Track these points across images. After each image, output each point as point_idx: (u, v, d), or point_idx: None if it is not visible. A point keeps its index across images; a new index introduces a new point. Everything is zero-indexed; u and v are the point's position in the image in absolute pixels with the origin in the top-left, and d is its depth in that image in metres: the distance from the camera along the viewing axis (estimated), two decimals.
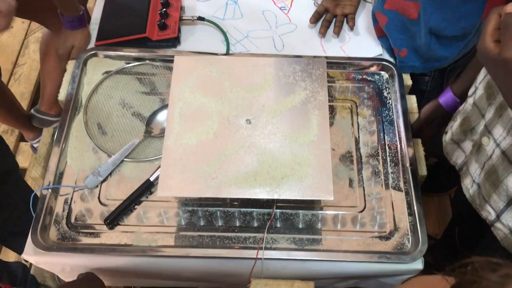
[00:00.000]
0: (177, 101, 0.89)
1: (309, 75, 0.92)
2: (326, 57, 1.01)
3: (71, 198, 0.90)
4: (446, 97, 0.98)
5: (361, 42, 1.12)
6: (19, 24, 2.19)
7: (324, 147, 0.84)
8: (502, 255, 0.45)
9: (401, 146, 0.95)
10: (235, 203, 0.89)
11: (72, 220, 0.88)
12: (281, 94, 0.90)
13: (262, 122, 0.87)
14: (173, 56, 1.03)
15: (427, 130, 1.04)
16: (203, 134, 0.86)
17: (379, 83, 1.04)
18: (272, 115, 0.87)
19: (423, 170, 0.94)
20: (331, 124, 0.97)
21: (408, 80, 1.05)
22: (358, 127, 0.98)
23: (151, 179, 0.90)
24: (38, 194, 0.89)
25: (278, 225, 0.87)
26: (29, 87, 2.03)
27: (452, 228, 1.29)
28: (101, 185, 0.92)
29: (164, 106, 0.98)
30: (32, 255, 0.85)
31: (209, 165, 0.82)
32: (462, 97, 0.97)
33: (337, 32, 1.11)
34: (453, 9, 0.92)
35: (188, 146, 0.85)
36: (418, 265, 0.83)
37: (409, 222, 0.87)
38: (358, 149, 0.96)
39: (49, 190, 0.89)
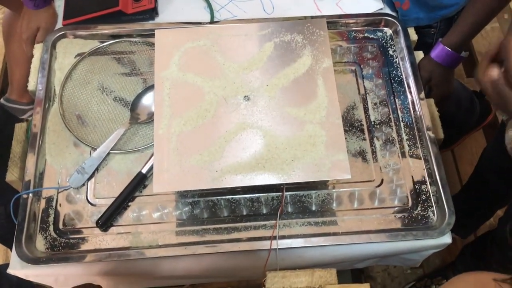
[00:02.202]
0: (163, 82, 0.79)
1: (309, 39, 0.82)
2: (324, 17, 0.91)
3: (56, 201, 0.81)
4: (437, 51, 0.90)
5: None
6: None
7: (336, 121, 0.75)
8: None
9: (414, 108, 0.87)
10: (239, 189, 0.80)
11: (60, 226, 0.79)
12: (281, 65, 0.80)
13: (264, 98, 0.77)
14: (152, 30, 0.93)
15: (434, 89, 0.96)
16: (198, 117, 0.76)
17: (383, 41, 0.95)
18: (274, 90, 0.78)
19: (439, 133, 0.86)
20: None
21: (413, 34, 0.95)
22: (365, 91, 0.89)
23: (144, 171, 0.80)
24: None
25: (290, 209, 0.79)
26: None
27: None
28: (87, 183, 0.82)
29: (149, 88, 0.87)
30: (19, 269, 0.76)
31: (209, 152, 0.73)
32: (456, 49, 0.88)
33: None
34: None
35: (182, 133, 0.75)
36: (447, 239, 0.77)
37: (432, 193, 0.80)
38: (367, 116, 0.87)
39: (30, 194, 0.80)
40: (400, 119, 0.87)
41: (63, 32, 0.94)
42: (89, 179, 0.82)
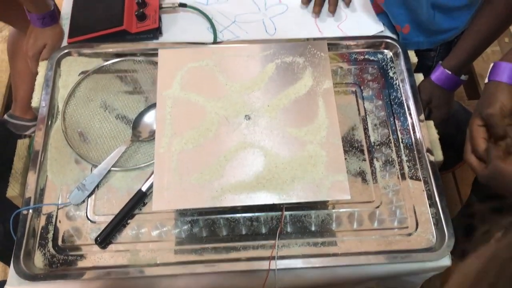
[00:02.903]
0: (165, 100, 0.79)
1: (310, 61, 0.83)
2: (325, 39, 0.92)
3: (56, 217, 0.81)
4: (437, 74, 0.91)
5: (359, 19, 1.02)
6: None
7: (336, 141, 0.75)
8: None
9: (414, 130, 0.87)
10: (239, 208, 0.80)
11: (59, 242, 0.79)
12: (282, 85, 0.81)
13: (265, 117, 0.78)
14: (156, 49, 0.94)
15: (434, 112, 0.96)
16: (200, 136, 0.76)
17: (383, 63, 0.96)
18: (275, 110, 0.78)
19: (439, 155, 0.86)
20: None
21: (413, 57, 0.96)
22: (366, 112, 0.90)
23: (143, 189, 0.81)
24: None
25: (289, 229, 0.79)
26: (1, 89, 1.90)
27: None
28: (87, 199, 0.82)
29: (151, 106, 0.88)
30: (17, 286, 0.76)
31: (209, 171, 0.73)
32: (456, 72, 0.89)
33: (333, 11, 1.01)
34: None
35: (183, 151, 0.75)
36: (446, 261, 0.76)
37: (431, 215, 0.80)
38: (367, 137, 0.87)
39: (30, 210, 0.80)
40: (400, 140, 0.87)
41: (68, 50, 0.95)
42: (89, 196, 0.82)
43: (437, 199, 0.80)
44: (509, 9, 0.83)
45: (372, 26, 1.01)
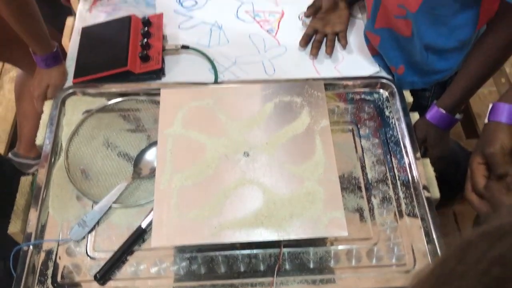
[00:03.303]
0: (166, 138, 0.82)
1: (308, 100, 0.86)
2: (322, 79, 0.95)
3: (56, 253, 0.81)
4: (432, 113, 0.93)
5: (355, 60, 1.06)
6: None
7: (333, 178, 0.77)
8: None
9: (410, 167, 0.89)
10: (238, 245, 0.81)
11: (59, 279, 0.79)
12: (281, 124, 0.83)
13: (263, 154, 0.80)
14: (158, 89, 0.97)
15: (430, 150, 0.98)
16: (199, 173, 0.78)
17: (379, 102, 0.98)
18: (273, 147, 0.80)
19: (435, 192, 0.87)
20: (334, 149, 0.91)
21: (409, 97, 0.99)
22: (362, 150, 0.92)
23: (143, 225, 0.81)
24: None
25: (287, 266, 0.80)
26: (6, 128, 1.93)
27: None
28: (88, 236, 0.83)
29: (153, 144, 0.90)
30: None
31: (209, 208, 0.74)
32: (450, 111, 0.92)
33: (330, 52, 1.05)
34: (446, 23, 0.88)
35: (182, 188, 0.77)
36: None
37: (429, 252, 0.80)
38: (365, 174, 0.89)
39: (31, 246, 0.81)
40: (397, 178, 0.88)
41: (72, 90, 0.98)
42: (89, 232, 0.83)
43: (434, 236, 0.80)
44: (499, 51, 0.86)
45: (368, 67, 1.04)
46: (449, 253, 0.33)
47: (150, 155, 0.89)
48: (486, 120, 0.79)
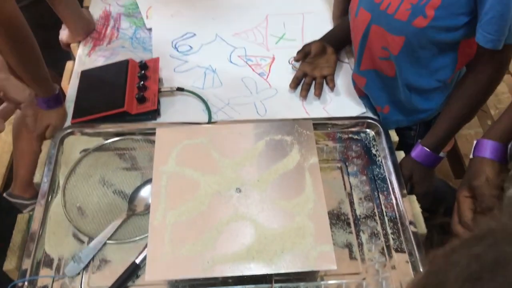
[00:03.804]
0: (161, 175, 0.85)
1: (297, 138, 0.90)
2: (311, 119, 0.99)
3: None
4: (417, 151, 0.97)
5: (342, 102, 1.11)
6: None
7: (322, 213, 0.80)
8: None
9: (397, 203, 0.92)
10: (230, 280, 0.82)
11: None
12: (272, 161, 0.87)
13: (255, 190, 0.83)
14: (153, 129, 1.01)
15: (415, 187, 1.01)
16: (192, 209, 0.80)
17: (366, 141, 1.02)
18: (264, 184, 0.84)
19: (422, 228, 0.90)
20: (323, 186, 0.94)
21: (394, 136, 1.03)
22: (351, 187, 0.95)
23: (137, 261, 0.83)
24: None
25: None
26: (1, 170, 1.95)
27: None
28: (83, 272, 0.84)
29: (147, 181, 0.93)
30: None
31: (202, 243, 0.77)
32: (434, 149, 0.96)
33: (318, 94, 1.10)
34: (426, 64, 0.94)
35: (176, 223, 0.79)
36: None
37: None
38: (353, 210, 0.92)
39: (26, 282, 0.82)
40: (384, 213, 0.91)
41: (71, 130, 1.01)
42: (84, 268, 0.84)
43: (421, 270, 0.82)
44: (479, 93, 0.91)
45: (354, 108, 1.09)
46: (436, 260, 0.38)
47: (145, 192, 0.91)
48: (471, 156, 0.83)
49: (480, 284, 0.33)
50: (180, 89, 1.11)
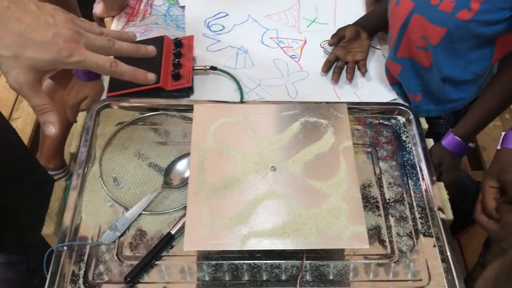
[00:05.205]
0: (199, 151, 0.87)
1: (332, 121, 0.92)
2: (344, 103, 1.00)
3: (88, 255, 0.85)
4: (447, 139, 0.99)
5: (374, 87, 1.12)
6: None
7: (356, 195, 0.82)
8: None
9: (426, 189, 0.94)
10: (260, 255, 0.85)
11: (90, 280, 0.83)
12: (306, 142, 0.88)
13: (290, 170, 0.85)
14: (187, 106, 1.03)
15: (444, 175, 1.03)
16: (229, 185, 0.83)
17: (396, 127, 1.04)
18: (299, 164, 0.85)
19: (449, 215, 0.92)
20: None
21: (424, 124, 1.04)
22: (381, 172, 0.97)
23: (172, 232, 0.86)
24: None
25: (308, 277, 0.83)
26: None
27: None
28: (118, 240, 0.87)
29: (183, 156, 0.95)
30: None
31: (238, 218, 0.79)
32: (466, 139, 0.97)
33: (350, 79, 1.11)
34: (463, 56, 0.94)
35: (213, 197, 0.81)
36: None
37: (444, 269, 0.84)
38: (382, 194, 0.93)
39: (64, 247, 0.85)
40: (413, 199, 0.93)
41: (107, 103, 1.04)
42: (120, 237, 0.87)
43: (448, 254, 0.84)
44: None
45: (385, 94, 1.10)
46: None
47: (181, 166, 0.94)
48: (498, 146, 0.84)
49: None
50: (213, 68, 1.12)
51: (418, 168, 0.97)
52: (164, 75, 1.06)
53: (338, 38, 1.12)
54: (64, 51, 0.68)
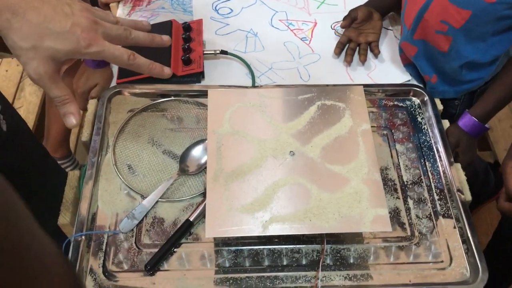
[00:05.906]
0: (216, 137, 0.86)
1: (349, 104, 0.90)
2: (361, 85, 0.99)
3: (106, 244, 0.85)
4: (464, 120, 0.98)
5: (387, 69, 1.11)
6: (14, 67, 2.15)
7: (376, 177, 0.81)
8: None
9: (444, 171, 0.93)
10: (278, 240, 0.84)
11: (109, 268, 0.82)
12: (324, 126, 0.87)
13: (309, 154, 0.84)
14: (199, 91, 1.02)
15: (460, 156, 1.02)
16: (248, 170, 0.82)
17: (411, 109, 1.03)
18: (317, 148, 0.84)
19: (468, 195, 0.91)
20: None
21: (439, 105, 1.03)
22: (397, 154, 0.96)
23: (191, 219, 0.85)
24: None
25: (329, 261, 0.83)
26: None
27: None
28: (136, 228, 0.86)
29: (198, 142, 0.94)
30: None
31: (258, 203, 0.78)
32: (483, 119, 0.96)
33: (363, 60, 1.09)
34: (485, 39, 0.93)
35: (232, 183, 0.80)
36: None
37: (464, 250, 0.84)
38: (400, 176, 0.93)
39: (82, 237, 0.84)
40: (431, 180, 0.92)
41: (118, 89, 1.02)
42: (137, 225, 0.87)
43: (469, 235, 0.84)
44: None
45: (399, 75, 1.09)
46: None
47: (196, 152, 0.92)
48: None
49: None
50: (223, 52, 1.10)
51: (435, 150, 0.96)
52: (175, 60, 1.04)
53: (351, 20, 1.10)
54: (83, 41, 0.67)
